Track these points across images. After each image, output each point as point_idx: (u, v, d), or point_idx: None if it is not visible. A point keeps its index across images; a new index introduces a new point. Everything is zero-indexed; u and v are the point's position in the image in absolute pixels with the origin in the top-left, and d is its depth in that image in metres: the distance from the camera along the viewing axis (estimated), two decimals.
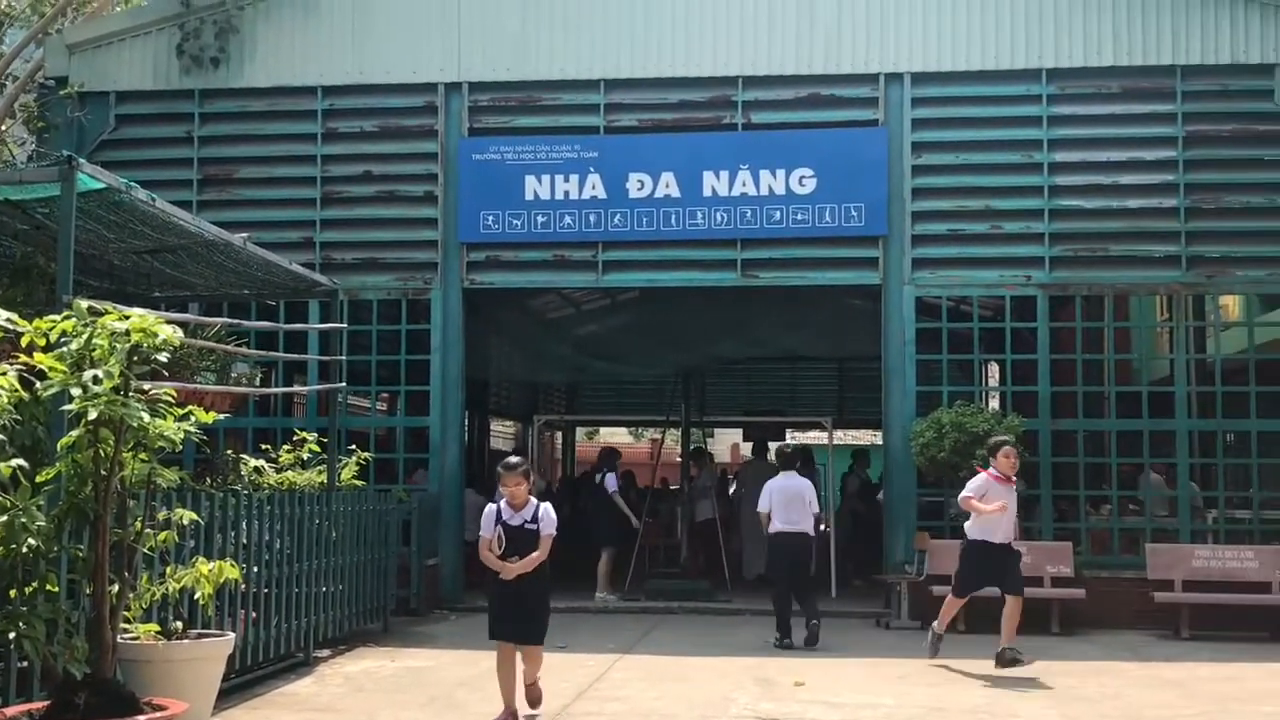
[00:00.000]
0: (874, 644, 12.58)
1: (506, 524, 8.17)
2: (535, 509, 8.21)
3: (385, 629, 12.73)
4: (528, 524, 8.17)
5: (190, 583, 7.26)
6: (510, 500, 8.20)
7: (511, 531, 8.16)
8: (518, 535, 8.15)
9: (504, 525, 8.18)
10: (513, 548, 8.14)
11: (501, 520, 8.20)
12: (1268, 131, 14.25)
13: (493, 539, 8.18)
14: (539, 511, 8.22)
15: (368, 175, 15.28)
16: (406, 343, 15.11)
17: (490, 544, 8.20)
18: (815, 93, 14.81)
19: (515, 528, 8.17)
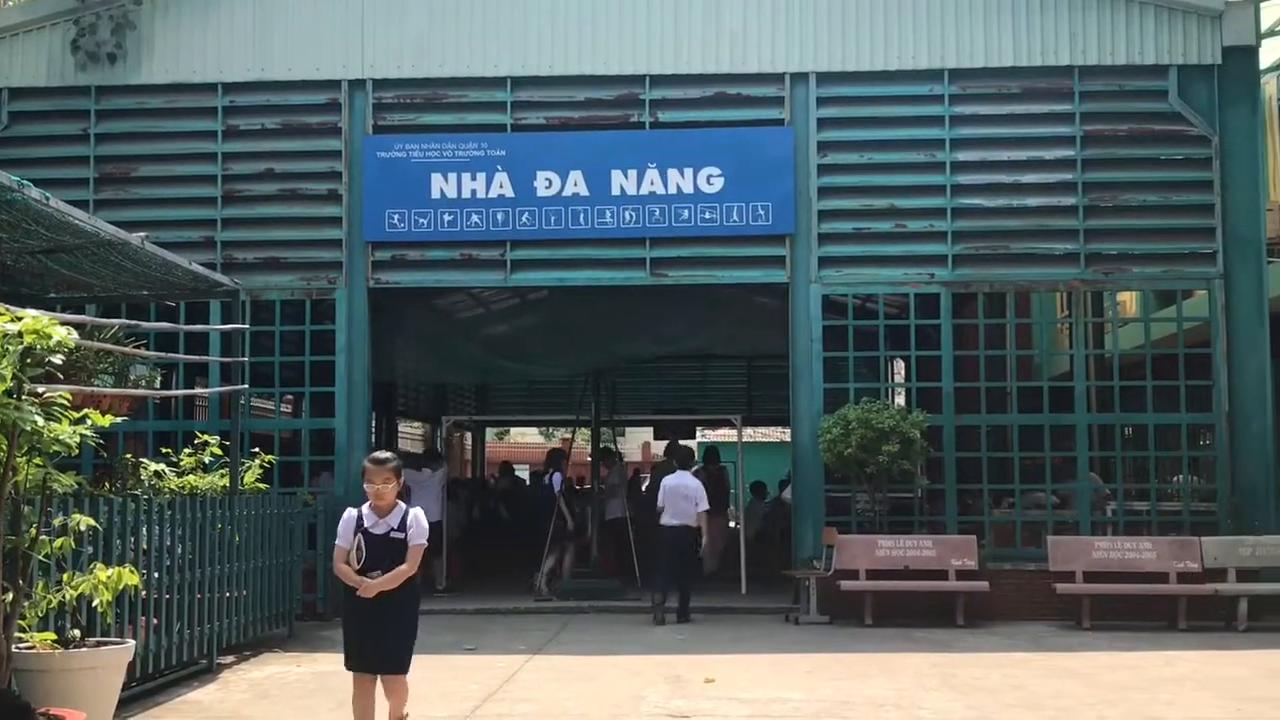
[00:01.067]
0: (783, 639, 12.74)
1: (368, 532, 7.06)
2: (404, 515, 7.11)
3: (291, 634, 12.60)
4: (394, 532, 7.06)
5: (88, 589, 7.16)
6: (374, 503, 7.11)
7: (374, 541, 7.05)
8: (381, 545, 7.04)
9: (365, 534, 7.06)
10: (374, 560, 7.04)
11: (363, 528, 7.09)
12: (1163, 131, 14.66)
13: (350, 550, 7.07)
14: (408, 518, 7.11)
15: (270, 173, 15.11)
16: (311, 344, 14.98)
17: (347, 555, 7.10)
18: (722, 92, 14.94)
19: (379, 537, 7.06)
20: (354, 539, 7.08)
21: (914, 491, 14.79)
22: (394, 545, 7.08)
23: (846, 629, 13.34)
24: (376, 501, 7.10)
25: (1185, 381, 14.48)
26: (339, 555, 7.16)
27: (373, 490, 7.10)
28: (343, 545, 7.15)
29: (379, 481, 7.07)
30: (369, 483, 7.10)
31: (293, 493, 13.63)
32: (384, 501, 7.10)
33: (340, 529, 7.19)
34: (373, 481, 7.09)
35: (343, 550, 7.14)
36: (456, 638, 12.56)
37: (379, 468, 7.12)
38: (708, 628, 13.52)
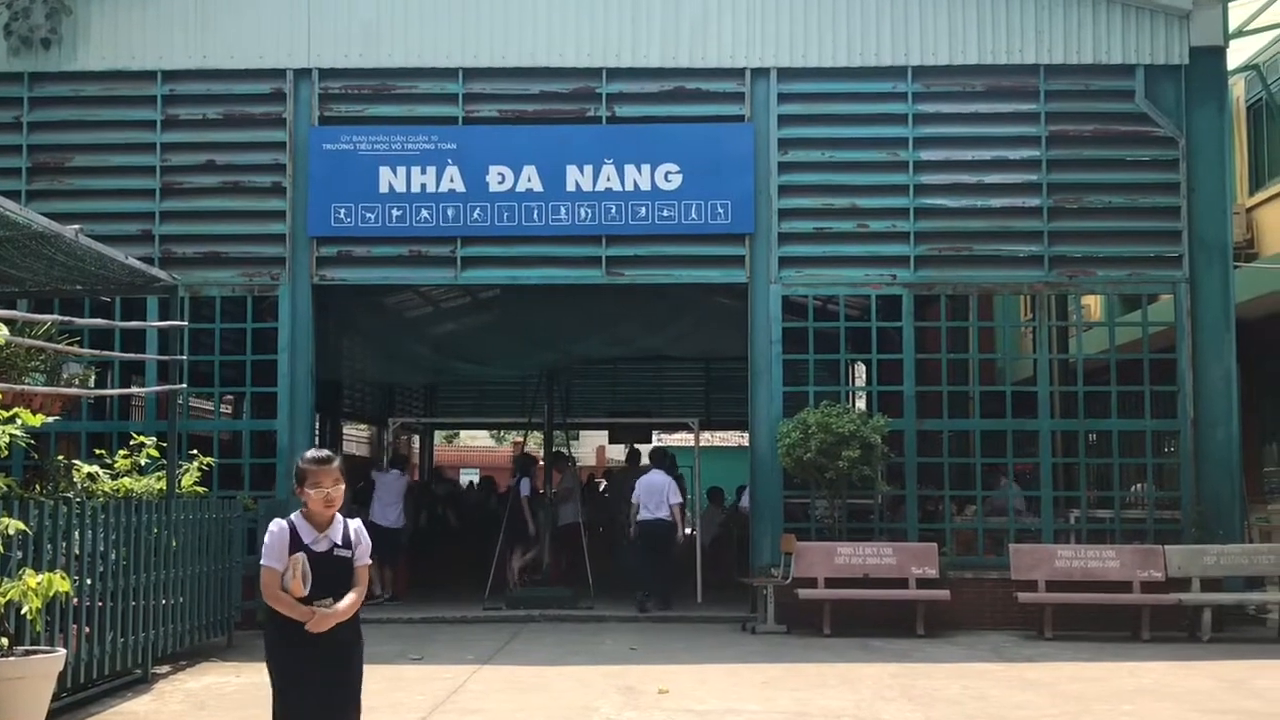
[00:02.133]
0: (739, 649, 12.78)
1: (309, 549, 5.80)
2: (344, 527, 5.93)
3: (230, 643, 12.52)
4: (338, 549, 5.87)
5: (17, 596, 7.08)
6: (317, 512, 5.85)
7: (317, 560, 5.79)
8: (327, 566, 5.80)
9: (306, 552, 5.80)
10: (321, 586, 5.77)
11: (302, 545, 5.81)
12: (1129, 132, 14.84)
13: (290, 573, 5.73)
14: (350, 531, 5.94)
15: (211, 165, 15.00)
16: (252, 342, 14.88)
17: (284, 580, 5.74)
18: (681, 86, 14.98)
19: (322, 555, 5.81)
20: (289, 559, 5.75)
21: (874, 498, 14.88)
22: (341, 565, 5.85)
23: (804, 639, 13.40)
24: (323, 510, 5.83)
25: (1150, 387, 14.66)
26: (270, 581, 5.74)
27: (319, 496, 5.80)
28: (275, 566, 5.74)
29: (328, 484, 5.82)
30: (314, 486, 5.81)
31: (232, 496, 13.53)
32: (330, 510, 5.85)
33: (268, 547, 5.76)
34: (320, 484, 5.81)
35: (275, 574, 5.74)
36: (402, 647, 12.51)
37: (325, 468, 5.85)
38: (662, 637, 13.54)
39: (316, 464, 5.87)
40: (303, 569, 5.72)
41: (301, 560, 5.72)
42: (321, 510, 5.83)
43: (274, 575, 5.74)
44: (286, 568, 5.72)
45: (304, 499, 5.86)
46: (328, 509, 5.84)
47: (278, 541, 5.78)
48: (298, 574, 5.71)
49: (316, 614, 5.69)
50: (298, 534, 5.82)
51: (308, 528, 5.85)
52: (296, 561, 5.72)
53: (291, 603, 5.70)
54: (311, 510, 5.85)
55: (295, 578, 5.71)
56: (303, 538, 5.82)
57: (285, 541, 5.78)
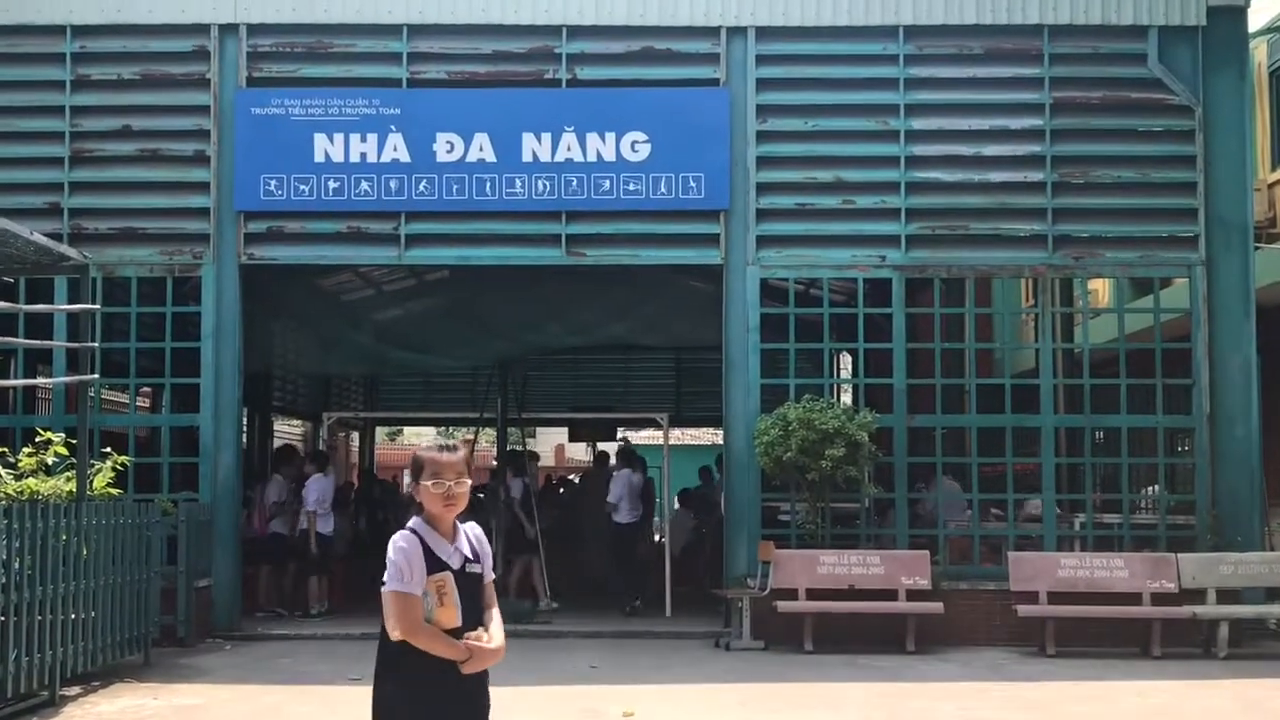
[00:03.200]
0: (713, 667, 12.80)
1: (447, 566, 5.05)
2: (465, 535, 5.19)
3: (147, 661, 12.44)
4: (469, 564, 5.12)
5: None
6: (433, 517, 5.07)
7: (462, 581, 5.07)
8: (464, 587, 5.07)
9: (443, 568, 5.04)
10: (470, 612, 5.06)
11: (440, 562, 5.03)
12: (1141, 99, 14.91)
13: (433, 600, 4.95)
14: (474, 539, 5.22)
15: (127, 131, 14.88)
16: (173, 327, 14.80)
17: (436, 606, 4.95)
18: (649, 46, 14.95)
19: (457, 573, 5.06)
20: (429, 580, 4.96)
21: (860, 501, 14.91)
22: (475, 585, 5.12)
23: (784, 655, 13.43)
24: (443, 511, 5.05)
25: (1162, 380, 14.75)
26: (411, 611, 4.88)
27: (439, 493, 5.00)
28: (415, 592, 4.91)
29: (450, 477, 5.03)
30: (433, 479, 5.01)
31: (150, 500, 13.44)
32: (452, 512, 5.09)
33: (399, 567, 4.92)
34: (440, 477, 5.02)
35: (416, 602, 4.90)
36: (338, 666, 12.45)
37: (450, 457, 5.08)
38: (627, 654, 13.54)
39: (439, 450, 5.09)
40: (454, 593, 4.96)
41: (449, 582, 4.96)
42: (441, 511, 5.04)
43: (415, 604, 4.87)
44: (426, 592, 4.92)
45: (419, 496, 5.04)
46: (448, 509, 5.04)
47: (414, 559, 4.93)
48: (448, 600, 4.94)
49: (473, 650, 4.93)
50: (429, 547, 5.00)
51: (436, 537, 5.04)
52: (444, 584, 4.94)
53: (443, 638, 4.89)
54: (430, 512, 5.04)
55: (446, 605, 4.93)
56: (436, 552, 5.01)
57: (421, 558, 4.95)
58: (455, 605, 4.93)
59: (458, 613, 4.93)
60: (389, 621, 4.88)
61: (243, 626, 14.65)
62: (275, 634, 14.66)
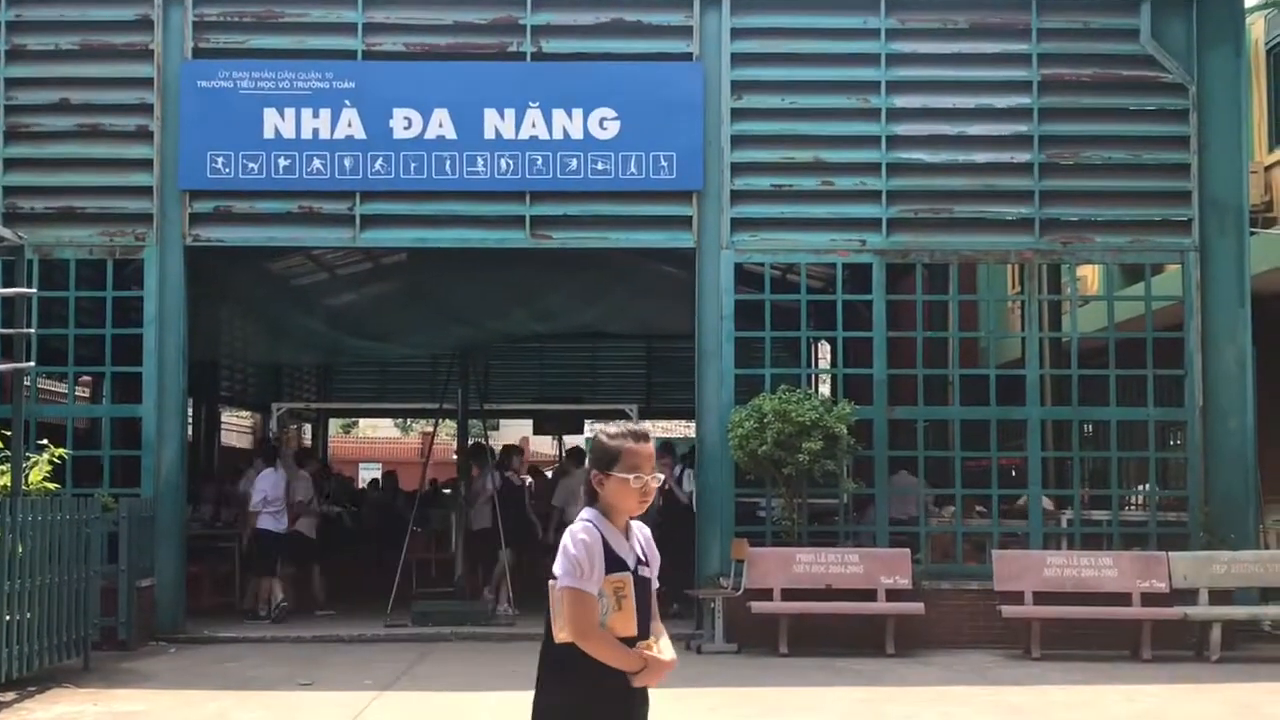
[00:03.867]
0: (683, 671, 12.71)
1: (625, 565, 4.74)
2: (639, 536, 4.86)
3: (86, 666, 12.39)
4: (642, 566, 4.80)
5: None
6: (617, 512, 4.75)
7: (640, 584, 4.76)
8: (639, 592, 4.74)
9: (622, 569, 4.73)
10: (646, 618, 4.77)
11: (619, 560, 4.71)
12: (1133, 77, 14.97)
13: (612, 602, 4.63)
14: (644, 540, 4.88)
15: (65, 104, 14.79)
16: (114, 313, 14.73)
17: (613, 609, 4.63)
18: (619, 18, 14.93)
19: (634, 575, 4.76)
20: (606, 581, 4.63)
21: (839, 497, 14.95)
22: (646, 591, 4.80)
23: (758, 658, 13.46)
24: (637, 507, 4.75)
25: (1154, 371, 14.81)
26: (588, 614, 4.58)
27: (638, 488, 4.69)
28: (592, 591, 4.60)
29: (648, 469, 4.74)
30: (631, 471, 4.69)
31: (90, 495, 13.38)
32: (643, 509, 4.79)
33: (576, 561, 4.60)
34: (639, 469, 4.71)
35: (594, 603, 4.60)
36: (290, 671, 12.44)
37: (646, 445, 4.80)
38: None
39: (635, 439, 4.76)
40: (633, 596, 4.64)
41: (629, 584, 4.63)
42: (632, 508, 4.73)
43: (592, 604, 4.56)
44: (603, 593, 4.60)
45: (601, 490, 4.70)
46: (642, 506, 4.74)
47: (595, 554, 4.61)
48: (627, 604, 4.62)
49: (649, 660, 4.62)
50: (608, 543, 4.67)
51: (616, 534, 4.72)
52: (623, 585, 4.63)
53: (618, 645, 4.58)
54: (619, 507, 4.71)
55: (624, 609, 4.61)
56: (615, 549, 4.68)
57: (602, 554, 4.62)
58: (634, 611, 4.62)
59: (635, 619, 4.62)
60: (557, 621, 4.56)
61: (187, 628, 14.59)
62: (221, 637, 14.60)
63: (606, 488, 4.67)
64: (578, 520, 4.67)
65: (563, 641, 4.54)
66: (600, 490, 4.69)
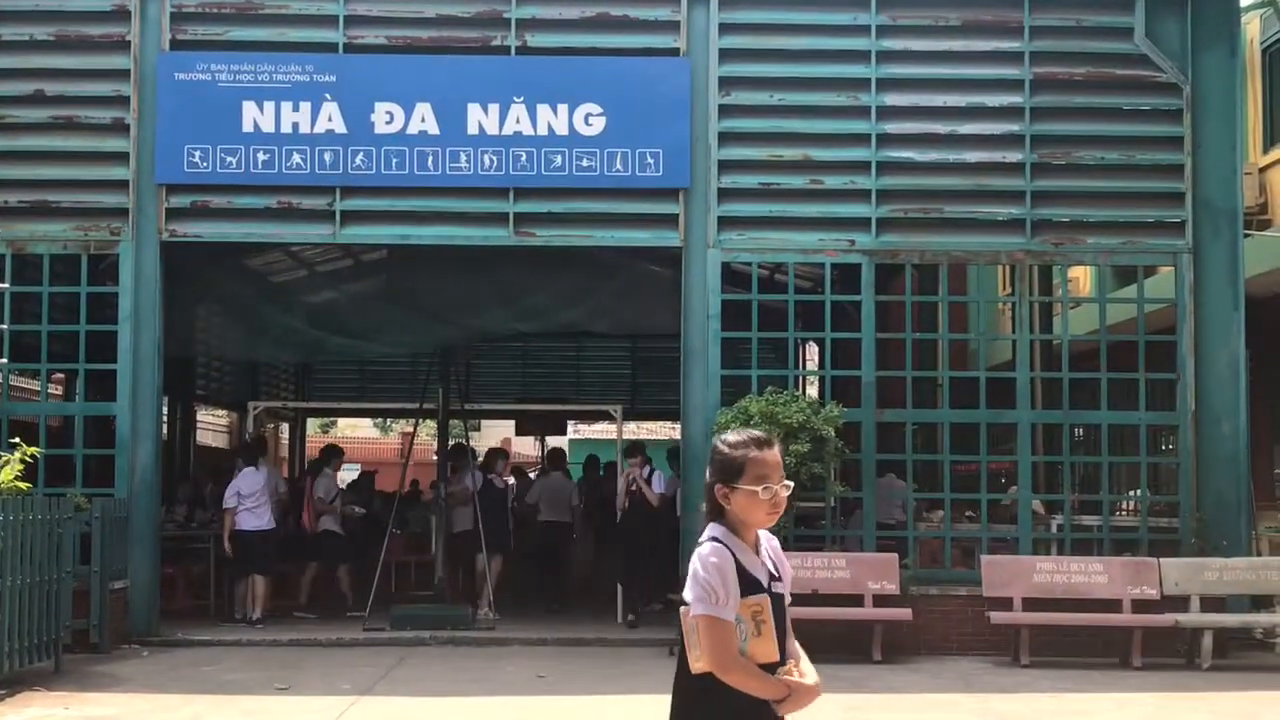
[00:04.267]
0: (665, 678, 12.73)
1: (760, 585, 4.53)
2: (768, 548, 4.66)
3: (58, 669, 12.37)
4: (774, 582, 4.58)
5: None
6: (745, 527, 4.54)
7: (776, 603, 4.56)
8: (777, 611, 4.55)
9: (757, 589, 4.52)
10: (783, 638, 4.55)
11: (752, 580, 4.49)
12: (1126, 76, 15.00)
13: (750, 628, 4.42)
14: (774, 553, 4.67)
15: (39, 96, 14.74)
16: (88, 309, 14.65)
17: (751, 635, 4.41)
18: (605, 12, 14.92)
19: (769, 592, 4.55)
20: (743, 604, 4.42)
21: (826, 500, 14.95)
22: (780, 608, 4.58)
23: None
24: (764, 521, 4.55)
25: (1146, 374, 14.85)
26: (726, 642, 4.37)
27: (766, 500, 4.49)
28: (730, 618, 4.38)
29: (776, 479, 4.53)
30: (759, 482, 4.50)
31: (62, 494, 13.34)
32: (772, 522, 4.58)
33: (710, 586, 4.39)
34: (767, 479, 4.50)
35: (731, 630, 4.38)
36: (265, 675, 12.42)
37: (772, 453, 4.57)
38: (576, 663, 13.54)
39: (759, 446, 4.55)
40: (772, 620, 4.44)
41: (767, 607, 4.44)
42: (760, 521, 4.53)
43: (730, 632, 4.36)
44: (740, 618, 4.38)
45: (727, 504, 4.51)
46: (771, 519, 4.53)
47: (729, 577, 4.40)
48: (766, 629, 4.41)
49: (794, 688, 4.41)
50: (740, 563, 4.46)
51: (746, 551, 4.51)
52: (761, 609, 4.42)
53: (759, 674, 4.38)
54: (748, 521, 4.51)
55: (764, 635, 4.41)
56: (748, 568, 4.48)
57: (735, 576, 4.42)
58: (774, 635, 4.43)
59: (775, 644, 4.44)
60: (693, 651, 4.37)
61: (161, 631, 14.55)
62: (196, 640, 14.56)
63: (733, 501, 4.48)
64: (704, 540, 4.48)
65: (700, 672, 4.37)
66: (726, 504, 4.49)
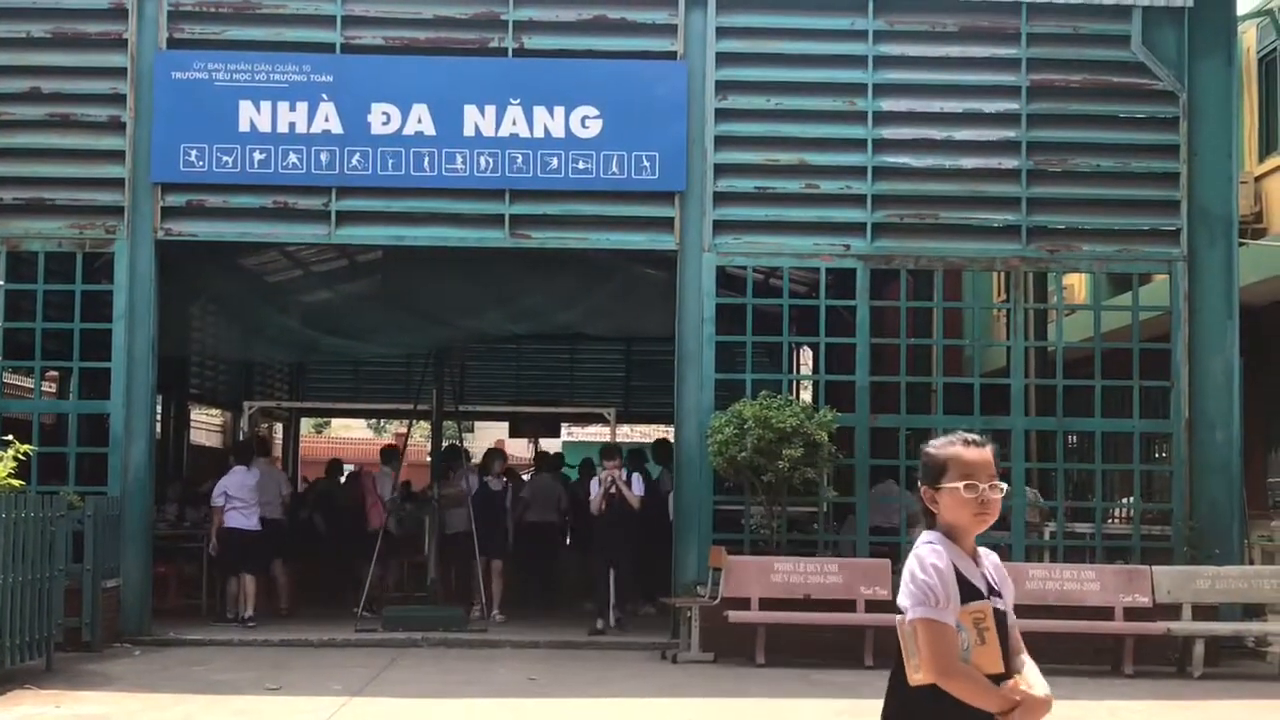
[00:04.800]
0: (658, 680, 12.83)
1: (978, 591, 4.32)
2: (988, 560, 4.44)
3: (49, 667, 12.35)
4: (994, 596, 4.35)
5: None
6: (961, 532, 4.33)
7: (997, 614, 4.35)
8: (1000, 626, 4.34)
9: (976, 596, 4.31)
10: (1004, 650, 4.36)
11: (971, 587, 4.29)
12: (1123, 84, 15.04)
13: (973, 636, 4.23)
14: (994, 566, 4.44)
15: (36, 93, 14.74)
16: (82, 307, 14.68)
17: (974, 644, 4.21)
18: (602, 15, 14.94)
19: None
20: (963, 610, 4.21)
21: (819, 505, 14.98)
22: (1001, 623, 4.36)
23: (734, 669, 13.47)
24: (977, 525, 4.33)
25: (1140, 382, 14.89)
26: (949, 649, 4.17)
27: (972, 501, 4.28)
28: (951, 622, 4.19)
29: (984, 479, 4.30)
30: (965, 481, 4.29)
31: (55, 492, 13.34)
32: (984, 528, 4.35)
33: (930, 587, 4.19)
34: (974, 479, 4.29)
35: (953, 635, 4.19)
36: (256, 675, 12.42)
37: (983, 454, 4.36)
38: (567, 666, 13.55)
39: (964, 444, 4.36)
40: (995, 629, 4.24)
41: (990, 614, 4.23)
42: (969, 523, 4.31)
43: (952, 637, 4.16)
44: (961, 625, 4.19)
45: (935, 507, 4.34)
46: (979, 520, 4.30)
47: (949, 580, 4.20)
48: (990, 636, 4.21)
49: (1024, 698, 4.22)
50: (958, 568, 4.26)
51: (964, 558, 4.31)
52: (984, 616, 4.21)
53: (985, 683, 4.17)
54: (956, 524, 4.31)
55: (988, 643, 4.20)
56: (966, 575, 4.27)
57: (954, 580, 4.22)
58: (998, 644, 4.22)
59: (1000, 654, 4.24)
60: (911, 660, 4.19)
61: (153, 630, 14.55)
62: (188, 639, 14.56)
63: (940, 504, 4.31)
64: (921, 541, 4.31)
65: (920, 684, 4.17)
66: (934, 508, 4.34)
